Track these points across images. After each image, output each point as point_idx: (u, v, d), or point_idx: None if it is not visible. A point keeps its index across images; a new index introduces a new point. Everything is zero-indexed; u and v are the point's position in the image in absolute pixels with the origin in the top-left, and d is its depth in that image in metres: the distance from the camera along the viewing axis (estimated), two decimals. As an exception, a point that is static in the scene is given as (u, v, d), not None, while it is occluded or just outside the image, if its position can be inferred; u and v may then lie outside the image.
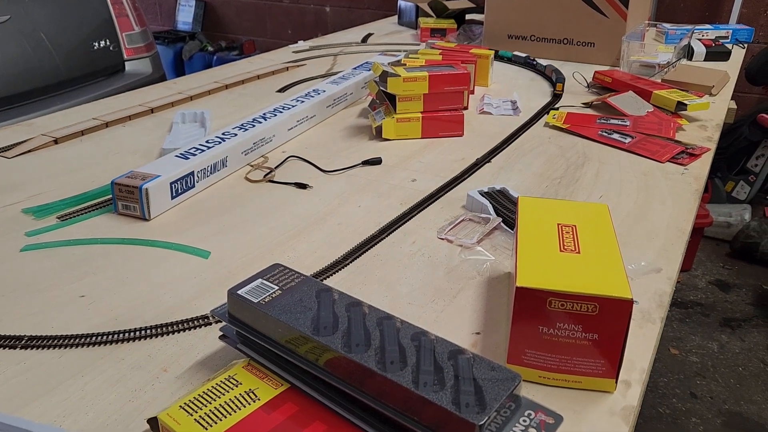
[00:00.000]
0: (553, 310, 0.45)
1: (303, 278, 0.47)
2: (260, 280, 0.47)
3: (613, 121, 1.04)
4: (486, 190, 0.77)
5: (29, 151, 0.90)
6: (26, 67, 1.68)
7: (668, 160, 0.90)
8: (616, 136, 0.98)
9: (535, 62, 1.41)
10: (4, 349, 0.50)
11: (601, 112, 1.12)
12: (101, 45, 1.86)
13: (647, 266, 0.63)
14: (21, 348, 0.50)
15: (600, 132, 1.00)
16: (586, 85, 1.28)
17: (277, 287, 0.46)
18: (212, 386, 0.43)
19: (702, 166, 0.89)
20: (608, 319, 0.44)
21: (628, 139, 0.97)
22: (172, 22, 3.89)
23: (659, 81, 1.25)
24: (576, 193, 0.80)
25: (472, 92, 1.22)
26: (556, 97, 1.00)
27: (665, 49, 1.42)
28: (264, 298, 0.45)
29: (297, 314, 0.44)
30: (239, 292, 0.46)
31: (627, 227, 0.71)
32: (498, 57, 1.48)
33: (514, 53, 1.47)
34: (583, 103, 1.17)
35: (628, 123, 1.03)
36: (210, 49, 3.67)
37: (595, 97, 1.20)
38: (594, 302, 0.44)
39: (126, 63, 1.95)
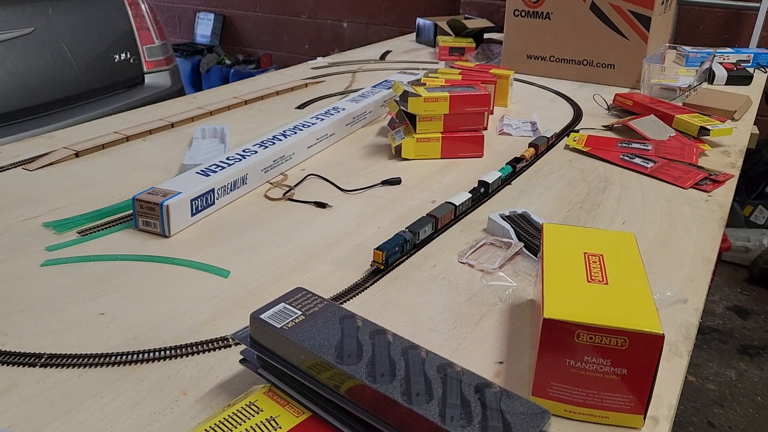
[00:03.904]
0: (581, 343, 0.44)
1: (326, 303, 0.47)
2: (283, 304, 0.47)
3: (635, 145, 1.03)
4: (507, 214, 0.76)
5: (51, 164, 0.91)
6: (48, 78, 1.70)
7: (691, 187, 0.89)
8: (638, 160, 0.97)
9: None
10: (24, 366, 0.50)
11: (622, 135, 1.11)
12: (122, 57, 1.88)
13: (673, 296, 0.62)
14: (41, 366, 0.50)
15: (622, 156, 0.99)
16: (606, 107, 1.28)
17: (300, 312, 0.46)
18: (233, 412, 0.42)
19: (726, 194, 0.88)
20: (638, 354, 0.43)
21: (651, 164, 0.96)
22: (191, 35, 3.93)
23: (680, 105, 1.24)
24: (598, 218, 0.79)
25: (492, 112, 1.21)
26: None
27: (686, 72, 1.41)
28: (287, 323, 0.45)
29: (321, 341, 0.43)
30: (262, 316, 0.45)
31: (651, 255, 0.70)
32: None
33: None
34: (604, 126, 1.16)
35: (650, 147, 1.02)
36: (227, 62, 3.70)
37: (615, 119, 1.19)
38: (624, 336, 0.43)
39: (146, 76, 1.97)
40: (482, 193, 0.82)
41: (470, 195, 0.79)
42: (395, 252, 0.66)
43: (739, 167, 0.98)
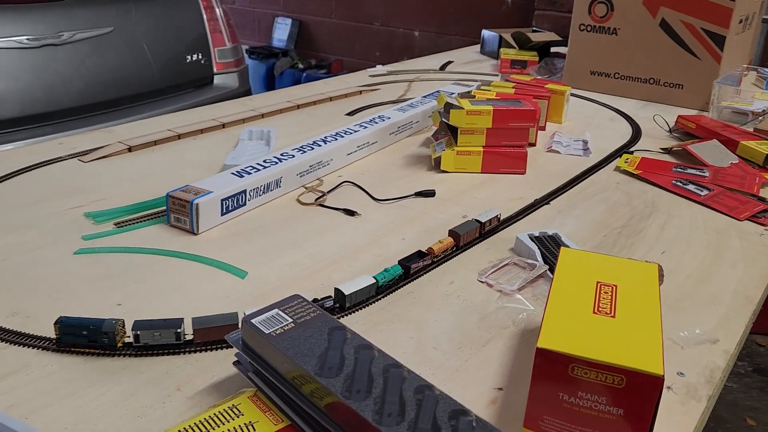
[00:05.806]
0: (576, 378, 0.42)
1: (318, 313, 0.47)
2: (276, 310, 0.47)
3: (690, 171, 0.97)
4: (537, 235, 0.73)
5: (104, 156, 0.96)
6: (123, 75, 1.80)
7: (747, 219, 0.83)
8: (691, 187, 0.92)
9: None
10: (37, 349, 0.53)
11: (680, 159, 1.05)
12: (193, 58, 1.96)
13: (701, 335, 0.58)
14: (52, 351, 0.52)
15: (674, 181, 0.94)
16: (667, 129, 1.22)
17: (291, 320, 0.46)
18: (214, 413, 0.43)
19: (785, 228, 0.81)
20: (636, 394, 0.41)
21: (705, 192, 0.90)
22: (268, 39, 4.05)
23: (751, 130, 1.16)
24: (636, 246, 0.75)
25: (543, 128, 1.18)
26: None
27: (763, 96, 1.32)
28: (276, 329, 0.45)
29: (304, 350, 0.43)
30: (253, 320, 0.46)
31: (687, 289, 0.66)
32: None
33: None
34: (662, 149, 1.10)
35: (707, 174, 0.96)
36: (300, 66, 3.79)
37: (675, 142, 1.13)
38: (621, 374, 0.41)
39: (215, 76, 2.04)
40: (336, 308, 0.59)
41: None
42: (81, 336, 0.52)
43: (806, 201, 0.91)
